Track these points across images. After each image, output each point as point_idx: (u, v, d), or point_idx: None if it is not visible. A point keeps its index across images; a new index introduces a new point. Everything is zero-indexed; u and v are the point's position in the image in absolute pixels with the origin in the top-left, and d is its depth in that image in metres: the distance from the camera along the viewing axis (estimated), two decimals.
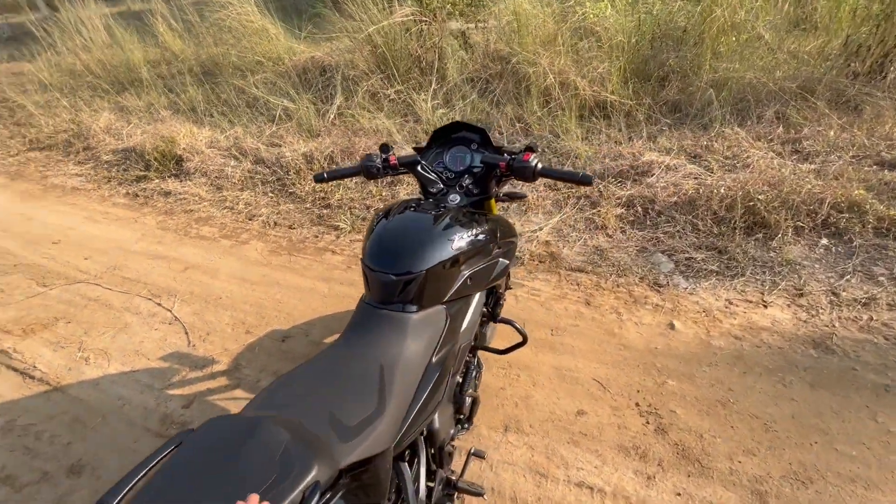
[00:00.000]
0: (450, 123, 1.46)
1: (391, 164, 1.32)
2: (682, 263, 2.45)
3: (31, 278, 2.66)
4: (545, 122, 3.88)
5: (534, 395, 1.82)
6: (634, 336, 2.06)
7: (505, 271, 1.36)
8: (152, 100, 4.97)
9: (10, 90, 5.58)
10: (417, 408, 0.97)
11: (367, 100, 4.61)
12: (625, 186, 3.06)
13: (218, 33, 6.13)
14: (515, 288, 2.39)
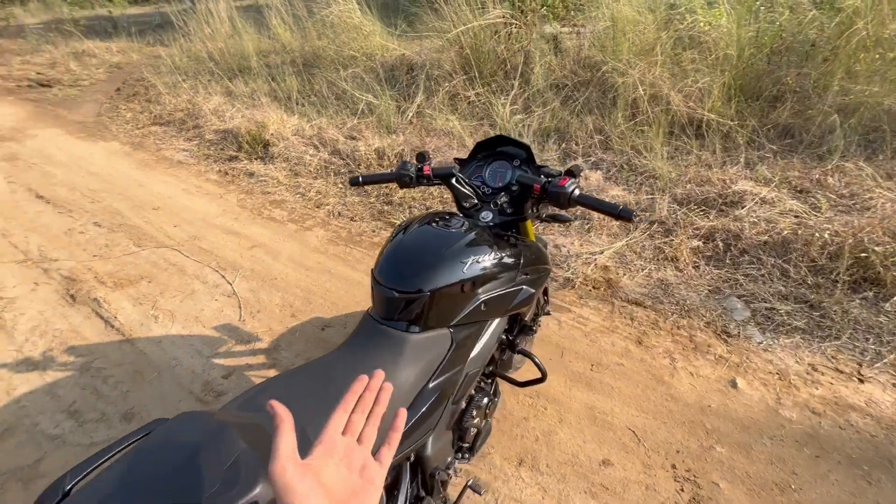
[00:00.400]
0: (493, 137, 1.38)
1: (425, 174, 1.28)
2: (760, 313, 2.13)
3: (130, 238, 3.03)
4: (628, 136, 3.61)
5: (558, 432, 1.69)
6: (686, 388, 1.83)
7: (530, 300, 1.27)
8: (256, 87, 5.42)
9: (146, 71, 6.43)
10: (403, 432, 0.92)
11: (447, 100, 4.63)
12: (707, 216, 2.75)
13: (321, 28, 6.53)
14: (560, 312, 2.24)
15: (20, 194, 3.63)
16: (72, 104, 5.97)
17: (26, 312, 2.41)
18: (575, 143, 3.81)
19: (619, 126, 3.77)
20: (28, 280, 2.65)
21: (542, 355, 1.94)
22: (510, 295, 1.18)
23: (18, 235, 3.08)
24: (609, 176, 3.32)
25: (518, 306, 1.23)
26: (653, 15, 4.26)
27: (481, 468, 1.59)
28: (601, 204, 1.09)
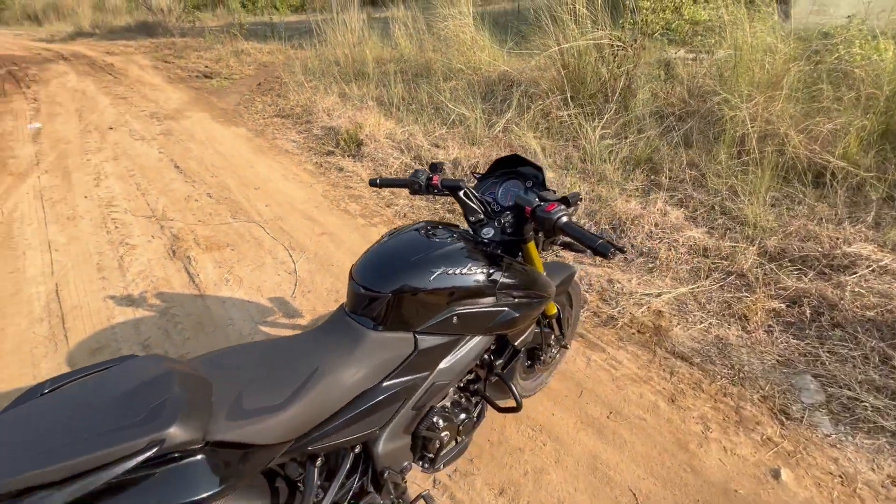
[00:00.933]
0: (509, 155, 1.37)
1: (433, 183, 1.31)
2: (838, 401, 1.78)
3: (229, 210, 3.51)
4: (726, 175, 3.25)
5: (550, 472, 1.59)
6: (713, 463, 1.60)
7: (511, 324, 1.22)
8: (367, 91, 5.90)
9: (282, 70, 7.36)
10: (339, 422, 0.97)
11: (538, 118, 4.59)
12: (801, 277, 2.38)
13: (436, 41, 6.90)
14: (592, 350, 2.10)
15: (164, 163, 4.40)
16: (222, 93, 7.06)
17: (139, 259, 2.92)
18: (665, 177, 3.52)
19: (719, 163, 3.42)
20: (148, 233, 3.21)
21: (557, 390, 1.85)
22: (488, 315, 1.15)
23: (153, 196, 3.74)
24: (693, 216, 3.02)
25: (497, 327, 1.20)
26: (785, 45, 3.79)
27: (460, 486, 1.56)
28: (583, 235, 1.02)
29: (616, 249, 0.98)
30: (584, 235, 1.02)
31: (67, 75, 8.35)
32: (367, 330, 1.04)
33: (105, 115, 5.96)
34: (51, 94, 6.98)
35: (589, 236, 1.01)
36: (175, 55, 9.88)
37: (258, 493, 0.98)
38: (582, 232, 1.03)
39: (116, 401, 0.76)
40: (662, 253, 2.67)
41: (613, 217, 2.98)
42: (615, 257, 1.03)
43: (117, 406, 0.75)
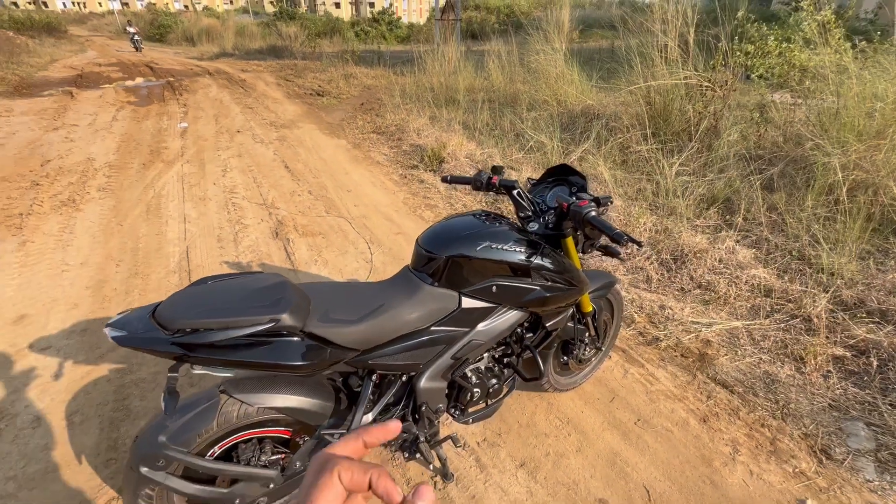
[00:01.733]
0: (559, 165, 1.59)
1: (493, 182, 1.57)
2: (889, 451, 1.71)
3: (324, 206, 4.05)
4: (809, 222, 3.13)
5: (570, 458, 1.73)
6: (737, 482, 1.63)
7: (542, 303, 1.43)
8: (455, 116, 6.39)
9: (382, 93, 8.17)
10: (394, 348, 1.25)
11: (616, 150, 4.70)
12: (876, 329, 2.27)
13: (526, 74, 7.29)
14: (631, 364, 2.19)
15: (276, 163, 5.15)
16: (329, 110, 8.00)
17: (250, 236, 3.50)
18: (740, 217, 3.46)
19: (804, 209, 3.30)
20: (258, 217, 3.82)
21: (590, 392, 1.99)
22: (523, 290, 1.38)
23: (265, 188, 4.42)
24: (764, 258, 2.96)
25: (530, 303, 1.42)
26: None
27: (486, 454, 1.75)
28: (604, 225, 1.22)
29: (631, 240, 1.17)
30: (606, 226, 1.21)
31: (210, 87, 9.94)
32: (424, 284, 1.32)
33: (235, 120, 7.06)
34: (196, 102, 8.38)
35: (609, 226, 1.21)
36: (295, 75, 11.30)
37: (325, 394, 1.29)
38: (604, 224, 1.23)
39: (252, 292, 1.11)
40: (722, 287, 2.67)
41: (676, 248, 3.01)
42: (627, 245, 1.20)
43: (253, 295, 1.10)
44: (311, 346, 1.10)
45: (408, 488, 1.62)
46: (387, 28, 24.89)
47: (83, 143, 5.62)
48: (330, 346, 1.13)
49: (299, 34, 18.21)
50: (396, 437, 1.28)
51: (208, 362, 1.04)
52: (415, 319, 1.28)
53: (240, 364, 1.05)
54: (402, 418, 1.40)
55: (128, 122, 6.80)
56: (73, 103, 7.91)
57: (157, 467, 1.10)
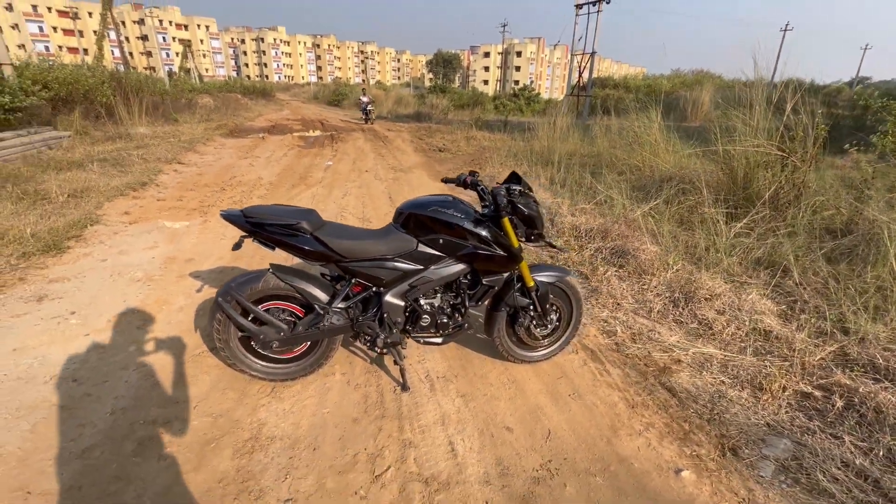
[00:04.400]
0: (513, 172, 2.20)
1: (465, 181, 2.23)
2: (800, 462, 1.81)
3: None
4: (859, 290, 3.03)
5: (501, 402, 2.17)
6: (631, 446, 1.91)
7: (472, 258, 2.04)
8: (544, 173, 7.09)
9: (492, 152, 9.29)
10: (370, 263, 1.98)
11: (682, 211, 4.87)
12: (860, 379, 2.25)
13: (620, 139, 7.74)
14: (593, 360, 2.51)
15: (384, 194, 6.40)
16: (444, 162, 9.36)
17: None
18: (793, 281, 3.43)
19: (864, 281, 3.17)
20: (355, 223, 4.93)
21: (544, 368, 2.42)
22: (459, 245, 2.01)
23: (369, 209, 5.60)
24: (788, 313, 2.97)
25: (465, 257, 2.03)
26: None
27: (440, 386, 2.28)
28: (492, 194, 1.83)
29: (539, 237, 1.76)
30: (495, 196, 1.83)
31: (359, 140, 12.30)
32: (394, 230, 2.04)
33: (367, 162, 8.77)
34: (345, 149, 10.53)
35: (502, 204, 1.82)
36: (428, 135, 13.25)
37: (325, 287, 2.05)
38: (488, 192, 1.85)
39: (294, 211, 1.96)
40: (719, 325, 2.80)
41: (690, 290, 3.17)
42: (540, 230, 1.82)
43: (293, 212, 1.95)
44: (315, 244, 1.90)
45: (374, 379, 2.26)
46: (525, 102, 27.11)
47: (259, 168, 7.68)
48: (326, 248, 1.91)
49: (445, 105, 21.11)
50: (366, 333, 1.98)
51: (262, 238, 1.90)
52: (385, 249, 2.00)
53: (276, 242, 1.89)
54: (371, 322, 2.08)
55: (292, 158, 8.96)
56: (262, 143, 10.63)
57: (226, 300, 1.97)
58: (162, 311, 2.92)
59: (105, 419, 1.95)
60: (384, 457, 1.83)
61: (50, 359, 2.36)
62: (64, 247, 3.88)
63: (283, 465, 1.78)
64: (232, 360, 2.13)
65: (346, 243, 1.96)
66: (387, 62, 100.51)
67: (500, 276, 2.19)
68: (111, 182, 5.96)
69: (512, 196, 2.06)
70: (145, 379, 2.24)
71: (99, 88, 10.54)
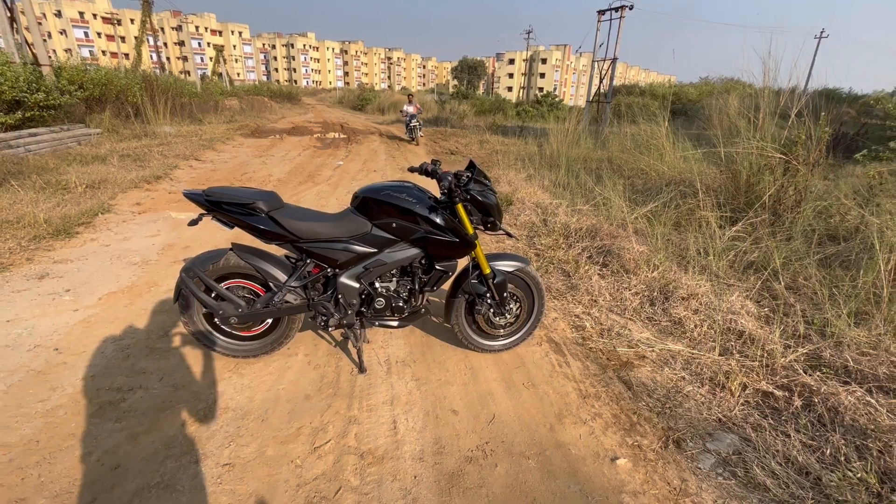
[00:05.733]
0: (470, 160, 2.23)
1: (426, 169, 2.28)
2: (742, 457, 1.78)
3: None
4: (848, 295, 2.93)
5: (453, 387, 2.20)
6: (571, 433, 1.92)
7: (425, 242, 2.09)
8: (547, 175, 7.07)
9: (501, 155, 9.31)
10: (325, 245, 2.05)
11: (681, 215, 4.79)
12: (824, 380, 2.18)
13: (629, 145, 7.66)
14: (556, 353, 2.51)
15: None
16: (452, 164, 9.43)
17: None
18: (783, 286, 3.35)
19: (855, 286, 3.07)
20: None
21: (503, 358, 2.45)
22: (411, 229, 2.06)
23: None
24: (768, 316, 2.90)
25: (416, 242, 2.08)
26: None
27: (397, 369, 2.33)
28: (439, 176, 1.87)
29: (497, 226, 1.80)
30: (450, 186, 1.87)
31: (374, 142, 12.51)
32: (351, 213, 2.11)
33: (378, 163, 8.93)
34: (359, 150, 10.73)
35: (452, 187, 1.86)
36: (442, 138, 13.37)
37: (283, 267, 2.13)
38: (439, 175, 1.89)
39: (254, 192, 2.05)
40: (691, 324, 2.75)
41: (669, 289, 3.13)
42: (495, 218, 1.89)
43: (253, 193, 2.04)
44: (271, 224, 1.99)
45: (334, 360, 2.33)
46: (547, 109, 27.04)
47: (270, 166, 7.93)
48: (281, 228, 2.00)
49: (466, 110, 21.24)
50: (321, 313, 2.05)
51: (219, 217, 2.00)
52: (340, 231, 2.07)
53: (233, 220, 1.99)
54: (327, 302, 2.15)
55: (306, 158, 9.20)
56: (280, 143, 10.95)
57: (189, 276, 2.07)
58: (150, 291, 3.07)
59: (75, 384, 2.08)
60: (327, 431, 1.89)
61: (37, 329, 2.53)
62: (73, 232, 4.11)
63: (229, 433, 1.86)
64: (196, 335, 2.24)
65: (302, 224, 2.04)
66: (413, 68, 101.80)
67: (455, 262, 2.23)
68: (128, 175, 6.27)
69: (461, 182, 2.10)
70: (120, 351, 2.36)
71: (130, 89, 11.08)
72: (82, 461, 1.67)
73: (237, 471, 1.68)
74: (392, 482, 1.65)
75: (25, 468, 1.63)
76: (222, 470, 1.68)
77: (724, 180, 5.21)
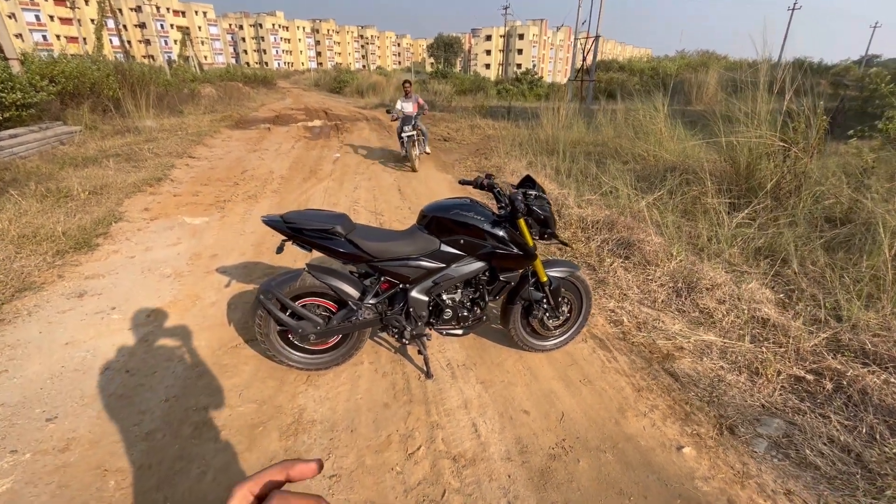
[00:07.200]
0: (527, 175, 2.36)
1: (483, 184, 2.39)
2: (791, 440, 2.00)
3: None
4: (855, 279, 3.19)
5: (517, 387, 2.37)
6: (636, 426, 2.11)
7: (492, 256, 2.21)
8: (548, 162, 7.20)
9: (498, 141, 9.37)
10: (398, 263, 2.15)
11: (686, 202, 5.01)
12: (850, 363, 2.43)
13: (625, 129, 7.83)
14: (601, 349, 2.70)
15: (393, 187, 6.55)
16: (449, 152, 9.46)
17: None
18: (792, 271, 3.59)
19: (859, 269, 3.33)
20: (371, 220, 5.09)
21: (554, 357, 2.61)
22: (478, 245, 2.18)
23: (380, 203, 5.76)
24: (785, 302, 3.14)
25: (483, 256, 2.20)
26: None
27: (460, 373, 2.48)
28: (515, 202, 2.00)
29: (552, 235, 1.93)
30: (517, 204, 1.99)
31: (364, 130, 12.37)
32: (419, 231, 2.21)
33: (373, 154, 8.88)
34: (350, 139, 10.62)
35: (520, 205, 1.98)
36: (431, 124, 13.26)
37: (356, 285, 2.23)
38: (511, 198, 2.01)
39: (328, 216, 2.13)
40: (720, 314, 2.98)
41: (693, 280, 3.35)
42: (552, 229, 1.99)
43: (327, 217, 2.12)
44: (349, 246, 2.08)
45: (399, 367, 2.46)
46: (527, 87, 26.92)
47: (269, 161, 7.82)
48: (358, 249, 2.09)
49: (448, 91, 21.00)
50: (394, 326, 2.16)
51: (300, 241, 2.08)
52: (410, 249, 2.18)
53: (313, 244, 2.07)
54: (399, 315, 2.27)
55: (301, 150, 9.08)
56: (269, 135, 10.73)
57: (267, 298, 2.15)
58: (195, 305, 3.11)
59: (161, 407, 2.16)
60: (415, 437, 2.03)
61: (100, 351, 2.57)
62: (94, 244, 4.07)
63: (325, 445, 1.98)
64: (272, 351, 2.33)
65: (376, 245, 2.13)
66: (387, 46, 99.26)
67: (517, 273, 2.37)
68: (127, 178, 6.13)
69: (528, 200, 2.22)
70: (190, 369, 2.44)
71: (105, 82, 10.62)
72: (199, 481, 1.77)
73: (345, 481, 1.81)
74: (490, 482, 1.82)
75: (146, 492, 1.73)
76: (330, 482, 1.81)
77: (724, 166, 5.45)
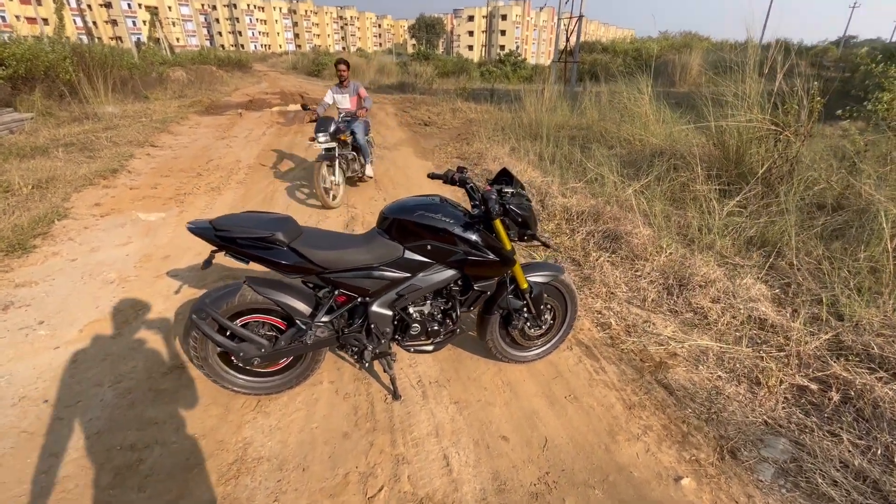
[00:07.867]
0: (503, 169, 2.06)
1: (453, 178, 2.09)
2: (799, 464, 1.79)
3: None
4: (853, 272, 2.98)
5: (496, 408, 2.11)
6: (629, 453, 1.87)
7: (464, 264, 1.92)
8: (532, 148, 6.89)
9: (478, 126, 9.01)
10: (354, 273, 1.85)
11: (674, 188, 4.77)
12: (856, 369, 2.23)
13: (610, 112, 7.54)
14: (588, 357, 2.46)
15: (368, 183, 6.18)
16: (429, 137, 9.07)
17: (329, 225, 4.40)
18: (787, 262, 3.38)
19: (856, 260, 3.13)
20: (339, 213, 4.75)
21: (538, 368, 2.35)
22: (448, 251, 1.88)
23: (354, 194, 5.40)
24: (782, 298, 2.94)
25: (454, 263, 1.91)
26: None
27: (433, 391, 2.21)
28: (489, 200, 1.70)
29: (534, 237, 1.64)
30: (491, 205, 1.69)
31: None
32: (378, 236, 1.90)
33: None
34: None
35: (495, 209, 1.69)
36: (412, 107, 12.82)
37: (307, 299, 1.92)
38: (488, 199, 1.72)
39: (267, 220, 1.81)
40: (714, 314, 2.75)
41: (684, 276, 3.12)
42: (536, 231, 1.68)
43: (266, 221, 1.79)
44: (293, 256, 1.76)
45: (363, 387, 2.18)
46: (511, 69, 26.34)
47: (237, 150, 7.35)
48: (305, 260, 1.78)
49: (430, 73, 20.38)
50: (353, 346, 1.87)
51: (233, 252, 1.75)
52: (369, 258, 1.87)
53: (250, 256, 1.75)
54: (358, 332, 1.97)
55: (272, 137, 8.60)
56: (240, 121, 10.17)
57: (201, 317, 1.83)
58: (138, 316, 2.77)
59: (79, 446, 1.85)
60: (376, 475, 1.76)
61: (17, 377, 2.23)
62: (30, 246, 3.66)
63: (271, 488, 1.70)
64: (213, 377, 2.02)
65: (327, 253, 1.82)
66: (367, 28, 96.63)
67: (494, 281, 2.08)
68: (79, 170, 5.64)
69: (504, 199, 1.93)
70: (122, 397, 2.12)
71: (60, 64, 9.88)
72: None
73: None
74: None
75: None
76: None
77: (713, 151, 5.22)
